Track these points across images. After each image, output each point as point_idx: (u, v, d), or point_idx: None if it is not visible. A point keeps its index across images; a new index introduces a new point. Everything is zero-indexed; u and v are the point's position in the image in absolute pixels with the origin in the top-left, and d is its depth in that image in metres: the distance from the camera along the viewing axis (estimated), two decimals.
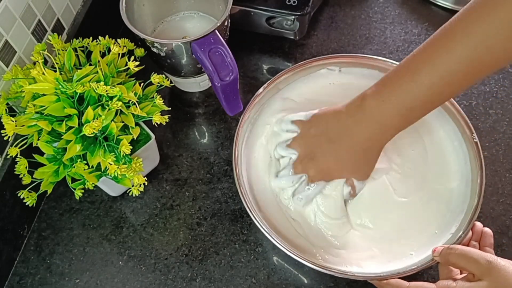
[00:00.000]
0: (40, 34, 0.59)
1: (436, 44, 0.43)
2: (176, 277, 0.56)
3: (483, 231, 0.52)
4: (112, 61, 0.53)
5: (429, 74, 0.43)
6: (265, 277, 0.56)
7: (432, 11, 0.78)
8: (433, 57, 0.42)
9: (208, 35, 0.57)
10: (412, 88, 0.44)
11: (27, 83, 0.49)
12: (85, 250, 0.58)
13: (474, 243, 0.52)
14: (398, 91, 0.45)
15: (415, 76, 0.44)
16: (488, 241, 0.51)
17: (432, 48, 0.43)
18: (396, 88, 0.45)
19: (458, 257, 0.44)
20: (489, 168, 0.62)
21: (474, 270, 0.43)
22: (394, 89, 0.45)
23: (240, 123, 0.57)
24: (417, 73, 0.43)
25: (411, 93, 0.44)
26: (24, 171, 0.49)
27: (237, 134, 0.56)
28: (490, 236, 0.52)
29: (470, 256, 0.43)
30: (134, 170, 0.50)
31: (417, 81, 0.43)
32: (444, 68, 0.42)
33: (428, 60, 0.43)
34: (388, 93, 0.46)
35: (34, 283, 0.56)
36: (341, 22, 0.78)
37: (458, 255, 0.44)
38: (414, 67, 0.44)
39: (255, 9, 0.69)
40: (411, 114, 0.46)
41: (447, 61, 0.42)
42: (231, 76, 0.56)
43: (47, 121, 0.48)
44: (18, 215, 0.57)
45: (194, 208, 0.61)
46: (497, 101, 0.68)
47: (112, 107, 0.48)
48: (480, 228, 0.53)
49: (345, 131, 0.49)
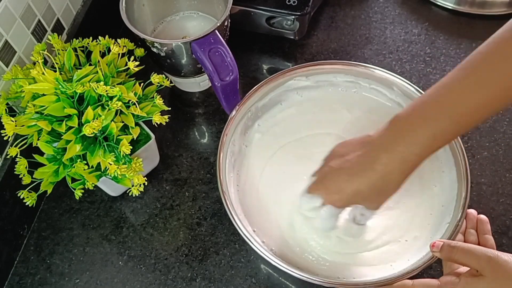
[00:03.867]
0: (40, 34, 0.59)
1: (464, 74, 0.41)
2: (176, 277, 0.56)
3: (478, 218, 0.52)
4: (112, 61, 0.53)
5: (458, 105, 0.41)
6: (265, 277, 0.56)
7: (432, 11, 0.78)
8: (461, 88, 0.41)
9: (208, 35, 0.57)
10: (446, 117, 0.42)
11: (27, 83, 0.49)
12: (85, 250, 0.58)
13: (471, 231, 0.52)
14: (434, 119, 0.42)
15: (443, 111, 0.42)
16: (485, 228, 0.51)
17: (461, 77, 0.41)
18: (432, 117, 0.42)
19: (460, 254, 0.44)
20: (489, 168, 0.62)
21: (476, 266, 0.43)
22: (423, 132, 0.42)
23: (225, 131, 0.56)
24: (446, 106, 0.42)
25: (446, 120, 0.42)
26: (24, 171, 0.49)
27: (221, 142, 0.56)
28: (487, 223, 0.52)
29: (472, 252, 0.43)
30: (134, 170, 0.50)
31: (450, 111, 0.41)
32: (475, 99, 0.40)
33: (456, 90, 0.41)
34: (421, 123, 0.43)
35: (34, 283, 0.56)
36: (341, 22, 0.78)
37: (460, 252, 0.44)
38: (443, 101, 0.42)
39: (255, 9, 0.69)
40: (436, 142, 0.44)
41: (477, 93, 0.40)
42: (231, 76, 0.56)
43: (47, 121, 0.48)
44: (18, 215, 0.57)
45: (194, 208, 0.61)
46: None
47: (112, 107, 0.48)
48: (474, 215, 0.53)
49: (371, 163, 0.45)
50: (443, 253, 0.45)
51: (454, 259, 0.45)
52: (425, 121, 0.42)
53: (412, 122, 0.43)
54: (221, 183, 0.52)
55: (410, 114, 0.43)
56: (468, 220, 0.53)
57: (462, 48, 0.73)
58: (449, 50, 0.73)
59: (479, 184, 0.61)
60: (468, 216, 0.53)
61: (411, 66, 0.72)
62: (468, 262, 0.44)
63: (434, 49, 0.74)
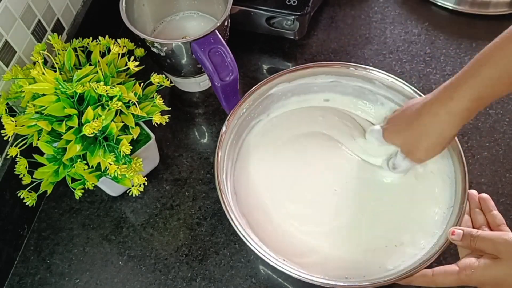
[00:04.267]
0: (40, 34, 0.59)
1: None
2: (176, 277, 0.56)
3: (480, 197, 0.53)
4: (112, 61, 0.53)
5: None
6: (265, 277, 0.56)
7: (432, 11, 0.78)
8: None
9: (208, 35, 0.57)
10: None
11: (27, 83, 0.49)
12: (85, 250, 0.58)
13: (477, 210, 0.52)
14: (470, 89, 0.46)
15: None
16: (490, 205, 0.52)
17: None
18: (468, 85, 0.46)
19: (480, 243, 0.45)
20: (489, 168, 0.62)
21: (493, 251, 0.44)
22: (468, 87, 0.46)
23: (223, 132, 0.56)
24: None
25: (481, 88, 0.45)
26: (24, 171, 0.49)
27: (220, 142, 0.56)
28: (489, 200, 0.53)
29: (490, 239, 0.45)
30: (134, 170, 0.50)
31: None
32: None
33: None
34: (462, 85, 0.46)
35: (34, 283, 0.56)
36: (341, 22, 0.78)
37: (480, 240, 0.45)
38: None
39: (255, 9, 0.69)
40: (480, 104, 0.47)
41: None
42: (231, 76, 0.56)
43: (47, 121, 0.48)
44: (18, 215, 0.57)
45: (194, 208, 0.61)
46: (497, 101, 0.68)
47: (112, 107, 0.48)
48: (476, 195, 0.53)
49: (434, 123, 0.49)
50: (464, 242, 0.46)
51: (474, 247, 0.46)
52: (466, 81, 0.46)
53: (457, 82, 0.47)
54: (219, 183, 0.52)
55: (453, 79, 0.48)
56: (471, 201, 0.53)
57: (462, 48, 0.73)
58: (449, 50, 0.73)
59: (479, 184, 0.61)
60: (470, 196, 0.54)
61: (411, 66, 0.72)
62: (486, 248, 0.45)
63: (434, 49, 0.74)
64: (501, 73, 0.44)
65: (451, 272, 0.46)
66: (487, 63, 0.45)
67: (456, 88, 0.47)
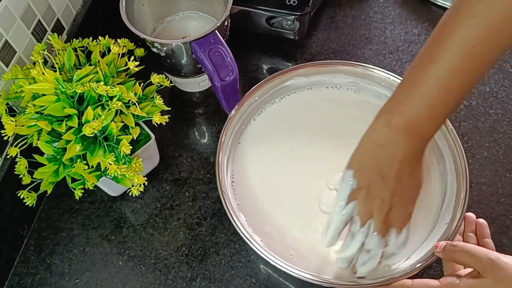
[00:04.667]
0: (40, 34, 0.59)
1: (442, 33, 0.41)
2: (176, 277, 0.56)
3: (477, 222, 0.53)
4: (112, 61, 0.53)
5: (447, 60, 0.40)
6: (265, 277, 0.56)
7: (432, 11, 0.78)
8: (444, 46, 0.40)
9: (208, 35, 0.57)
10: (431, 82, 0.41)
11: (27, 83, 0.49)
12: (85, 250, 0.58)
13: (471, 235, 0.52)
14: (416, 95, 0.42)
15: (429, 71, 0.41)
16: (485, 231, 0.52)
17: (437, 42, 0.41)
18: (414, 92, 0.42)
19: (461, 254, 0.44)
20: (489, 168, 0.62)
21: (477, 267, 0.43)
22: (414, 99, 0.42)
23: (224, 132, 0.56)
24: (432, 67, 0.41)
25: (431, 91, 0.41)
26: (24, 171, 0.49)
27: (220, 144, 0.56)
28: (486, 227, 0.52)
29: (473, 253, 0.43)
30: (134, 170, 0.50)
31: (432, 75, 0.41)
32: (458, 51, 0.39)
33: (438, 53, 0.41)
34: (410, 105, 0.42)
35: (34, 283, 0.56)
36: (341, 22, 0.78)
37: (461, 252, 0.44)
38: (428, 62, 0.41)
39: (255, 9, 0.69)
40: (438, 111, 0.42)
41: (458, 45, 0.39)
42: (231, 76, 0.56)
43: (47, 121, 0.48)
44: (18, 215, 0.57)
45: (194, 208, 0.61)
46: (497, 101, 0.68)
47: (112, 107, 0.48)
48: (473, 219, 0.53)
49: (392, 161, 0.44)
50: (445, 253, 0.46)
51: (456, 259, 0.45)
52: (413, 99, 0.42)
53: (401, 93, 0.43)
54: (220, 183, 0.52)
55: (395, 93, 0.44)
56: (467, 224, 0.53)
57: None
58: None
59: (479, 184, 0.61)
60: (467, 219, 0.53)
61: None
62: (470, 262, 0.44)
63: None
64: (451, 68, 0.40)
65: (431, 286, 0.45)
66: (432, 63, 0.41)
67: (400, 100, 0.43)
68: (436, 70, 0.40)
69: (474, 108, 0.67)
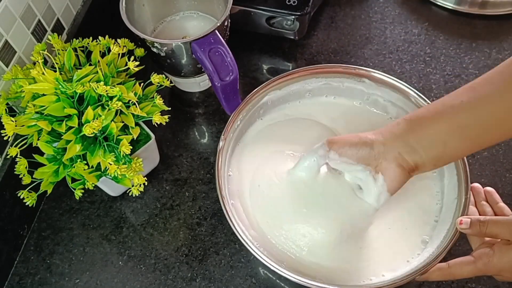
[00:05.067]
0: (40, 34, 0.59)
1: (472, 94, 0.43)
2: (176, 277, 0.56)
3: (485, 190, 0.53)
4: (112, 61, 0.53)
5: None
6: (265, 277, 0.56)
7: (432, 11, 0.78)
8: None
9: (208, 35, 0.57)
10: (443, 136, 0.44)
11: (27, 83, 0.49)
12: (85, 250, 0.58)
13: (484, 203, 0.52)
14: (429, 139, 0.45)
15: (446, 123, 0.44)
16: (496, 197, 0.52)
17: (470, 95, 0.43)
18: (428, 135, 0.45)
19: (491, 227, 0.45)
20: (489, 168, 0.62)
21: (507, 236, 0.44)
22: (426, 136, 0.45)
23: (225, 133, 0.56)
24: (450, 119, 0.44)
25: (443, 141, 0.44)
26: (24, 171, 0.49)
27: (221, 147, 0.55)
28: (495, 193, 0.53)
29: (502, 223, 0.44)
30: (134, 170, 0.50)
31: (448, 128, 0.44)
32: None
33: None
34: (420, 138, 0.45)
35: (34, 283, 0.56)
36: (341, 22, 0.78)
37: (491, 224, 0.45)
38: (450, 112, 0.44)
39: (255, 9, 0.69)
40: (440, 161, 0.46)
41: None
42: (231, 76, 0.56)
43: (47, 121, 0.48)
44: (18, 215, 0.57)
45: (194, 208, 0.61)
46: None
47: (112, 107, 0.48)
48: (480, 188, 0.53)
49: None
50: (473, 229, 0.46)
51: (485, 232, 0.45)
52: (425, 125, 0.45)
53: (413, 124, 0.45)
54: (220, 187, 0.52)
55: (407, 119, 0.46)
56: (476, 194, 0.54)
57: (462, 48, 0.74)
58: (449, 50, 0.74)
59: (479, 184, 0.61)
60: (475, 190, 0.54)
61: (411, 66, 0.72)
62: (500, 233, 0.44)
63: (434, 49, 0.74)
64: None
65: (467, 262, 0.46)
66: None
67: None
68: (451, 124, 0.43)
69: None
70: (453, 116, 0.43)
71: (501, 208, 0.51)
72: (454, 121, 0.43)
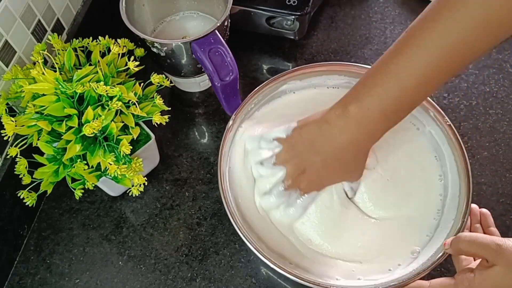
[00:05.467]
0: (40, 34, 0.59)
1: (408, 41, 0.45)
2: (176, 277, 0.56)
3: (480, 212, 0.53)
4: (112, 61, 0.53)
5: (406, 71, 0.43)
6: (265, 277, 0.56)
7: None
8: (407, 54, 0.43)
9: (208, 35, 0.57)
10: (392, 89, 0.44)
11: (27, 83, 0.49)
12: (85, 250, 0.58)
13: (477, 226, 0.52)
14: (379, 94, 0.44)
15: (392, 77, 0.43)
16: (489, 221, 0.52)
17: (404, 45, 0.44)
18: (377, 91, 0.44)
19: (468, 245, 0.44)
20: (489, 168, 0.62)
21: (485, 256, 0.43)
22: (374, 92, 0.44)
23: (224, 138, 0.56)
24: (395, 73, 0.43)
25: (391, 95, 0.44)
26: (24, 171, 0.49)
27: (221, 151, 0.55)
28: (489, 216, 0.52)
29: (479, 241, 0.43)
30: (134, 170, 0.50)
31: (395, 82, 0.43)
32: (419, 64, 0.42)
33: (402, 58, 0.44)
34: (369, 97, 0.45)
35: (34, 283, 0.56)
36: (341, 22, 0.78)
37: (468, 242, 0.44)
38: (392, 68, 0.44)
39: (255, 9, 0.69)
40: (395, 115, 0.46)
41: (420, 56, 0.42)
42: (231, 76, 0.56)
43: (47, 121, 0.48)
44: (18, 215, 0.57)
45: (194, 208, 0.61)
46: (497, 101, 0.68)
47: (112, 107, 0.48)
48: (477, 210, 0.53)
49: (330, 141, 0.48)
50: (452, 247, 0.46)
51: (464, 250, 0.45)
52: (372, 96, 0.45)
53: (362, 98, 0.46)
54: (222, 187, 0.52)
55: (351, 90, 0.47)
56: (473, 216, 0.53)
57: None
58: None
59: (479, 184, 0.61)
60: (472, 211, 0.53)
61: None
62: (478, 251, 0.43)
63: None
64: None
65: (447, 284, 0.45)
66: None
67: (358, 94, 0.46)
68: (402, 68, 0.43)
69: (474, 108, 0.67)
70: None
71: (491, 232, 0.51)
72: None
